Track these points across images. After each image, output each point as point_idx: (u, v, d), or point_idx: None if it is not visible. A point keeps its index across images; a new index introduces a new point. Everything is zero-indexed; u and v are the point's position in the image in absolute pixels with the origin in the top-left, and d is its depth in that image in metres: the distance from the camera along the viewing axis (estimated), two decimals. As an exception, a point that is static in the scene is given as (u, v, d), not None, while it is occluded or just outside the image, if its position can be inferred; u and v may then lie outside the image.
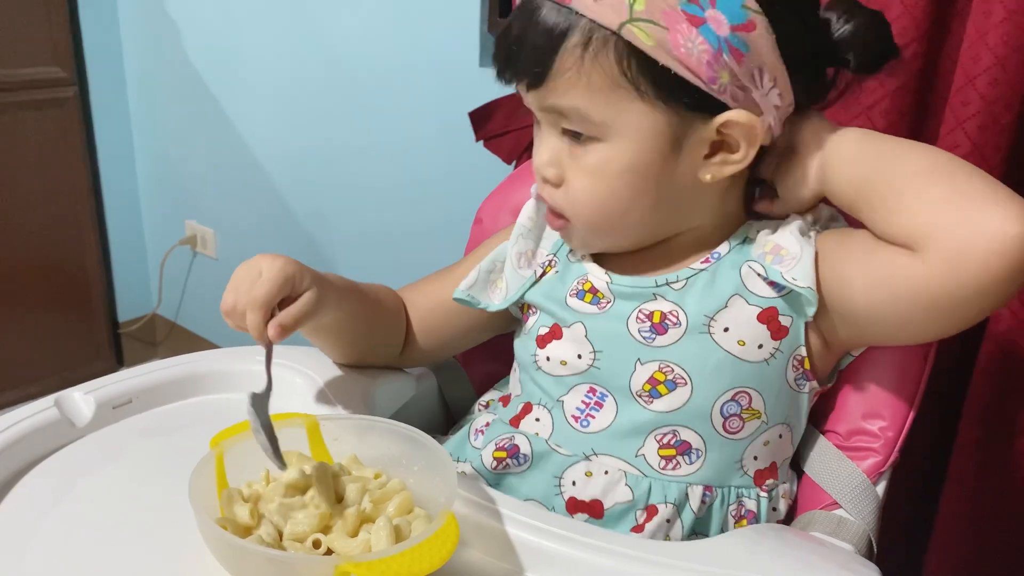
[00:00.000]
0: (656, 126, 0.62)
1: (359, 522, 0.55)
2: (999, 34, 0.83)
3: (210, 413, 0.73)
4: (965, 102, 0.86)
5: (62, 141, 1.96)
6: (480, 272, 0.77)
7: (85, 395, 0.70)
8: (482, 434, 0.73)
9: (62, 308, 2.08)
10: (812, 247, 0.65)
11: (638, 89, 0.60)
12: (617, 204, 0.65)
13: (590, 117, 0.62)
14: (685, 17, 0.58)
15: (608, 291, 0.70)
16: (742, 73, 0.60)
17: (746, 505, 0.67)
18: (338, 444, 0.62)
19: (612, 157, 0.63)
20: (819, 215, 0.69)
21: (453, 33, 1.43)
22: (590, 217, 0.66)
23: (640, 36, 0.58)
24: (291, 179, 1.82)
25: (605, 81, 0.60)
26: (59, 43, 1.90)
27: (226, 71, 1.85)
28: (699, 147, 0.63)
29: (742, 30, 0.59)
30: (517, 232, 0.77)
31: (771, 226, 0.69)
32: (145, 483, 0.64)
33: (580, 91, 0.61)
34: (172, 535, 0.57)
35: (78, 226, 2.05)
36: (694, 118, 0.62)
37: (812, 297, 0.63)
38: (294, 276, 0.66)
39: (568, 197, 0.66)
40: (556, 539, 0.57)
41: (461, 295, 0.76)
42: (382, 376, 0.78)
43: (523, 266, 0.75)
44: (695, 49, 0.58)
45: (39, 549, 0.57)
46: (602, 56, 0.60)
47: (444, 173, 1.52)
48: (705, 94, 0.60)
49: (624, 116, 0.61)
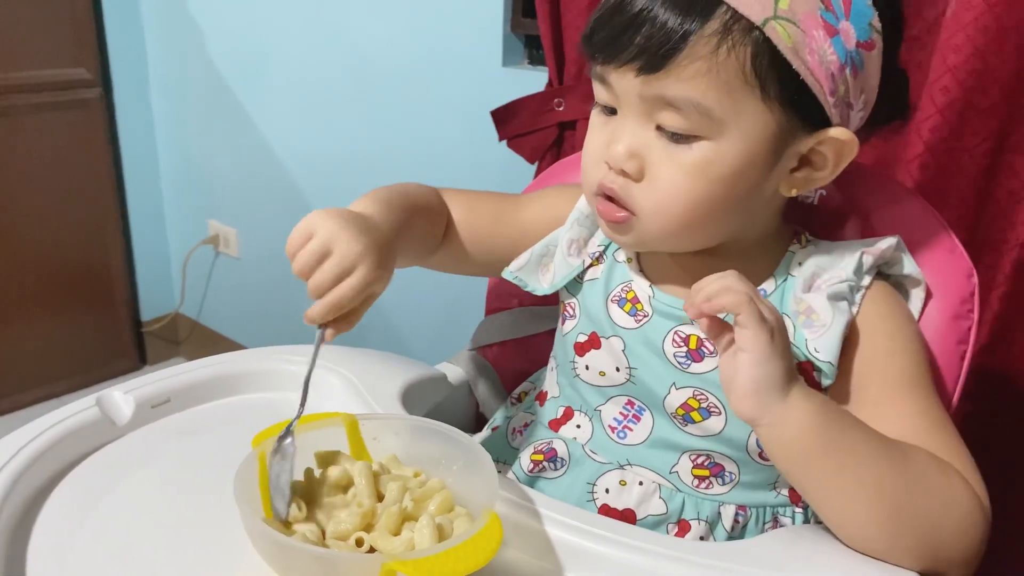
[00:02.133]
0: (767, 131, 0.59)
1: (401, 521, 0.56)
2: (976, 19, 0.81)
3: (245, 412, 0.74)
4: (945, 88, 0.85)
5: (86, 142, 1.98)
6: (532, 255, 0.75)
7: (125, 395, 0.71)
8: (520, 435, 0.73)
9: (86, 307, 2.10)
10: (846, 316, 0.63)
11: (763, 89, 0.57)
12: (709, 206, 0.61)
13: (710, 112, 0.57)
14: (822, 24, 0.57)
15: (649, 305, 0.69)
16: (853, 90, 0.59)
17: (782, 522, 0.67)
18: (377, 443, 0.63)
19: (718, 158, 0.59)
20: (882, 255, 0.66)
21: (476, 33, 1.43)
22: (674, 216, 0.62)
23: (781, 35, 0.56)
24: (313, 179, 1.83)
25: (734, 76, 0.57)
26: (83, 44, 1.91)
27: (249, 72, 1.86)
28: (791, 159, 0.61)
29: (864, 48, 0.59)
30: (573, 218, 0.75)
31: (818, 258, 0.67)
32: (185, 481, 0.65)
33: (706, 83, 0.57)
34: (213, 533, 0.58)
35: (102, 226, 2.07)
36: (798, 129, 0.60)
37: (831, 372, 0.62)
38: (377, 283, 0.61)
39: (650, 193, 0.61)
40: (595, 539, 0.57)
41: (510, 275, 0.75)
42: (417, 376, 0.79)
43: (573, 254, 0.74)
44: (826, 58, 0.57)
45: (84, 547, 0.57)
46: (739, 49, 0.56)
47: (467, 173, 1.52)
48: (817, 105, 0.59)
49: (742, 116, 0.58)
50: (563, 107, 1.23)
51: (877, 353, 0.63)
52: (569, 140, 1.26)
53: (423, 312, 1.68)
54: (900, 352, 0.64)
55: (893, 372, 0.62)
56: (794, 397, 0.54)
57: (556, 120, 1.26)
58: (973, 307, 0.70)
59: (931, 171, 0.88)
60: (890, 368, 0.63)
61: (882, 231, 0.72)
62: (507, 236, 0.77)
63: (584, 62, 1.21)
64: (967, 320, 0.70)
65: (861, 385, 0.63)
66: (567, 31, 1.19)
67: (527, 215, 0.78)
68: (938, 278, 0.70)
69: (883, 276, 0.68)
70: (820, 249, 0.68)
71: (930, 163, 0.87)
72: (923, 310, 0.69)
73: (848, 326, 0.63)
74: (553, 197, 0.79)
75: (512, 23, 1.42)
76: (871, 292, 0.65)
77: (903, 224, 0.72)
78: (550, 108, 1.27)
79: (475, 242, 0.77)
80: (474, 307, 0.99)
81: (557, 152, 1.27)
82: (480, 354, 0.91)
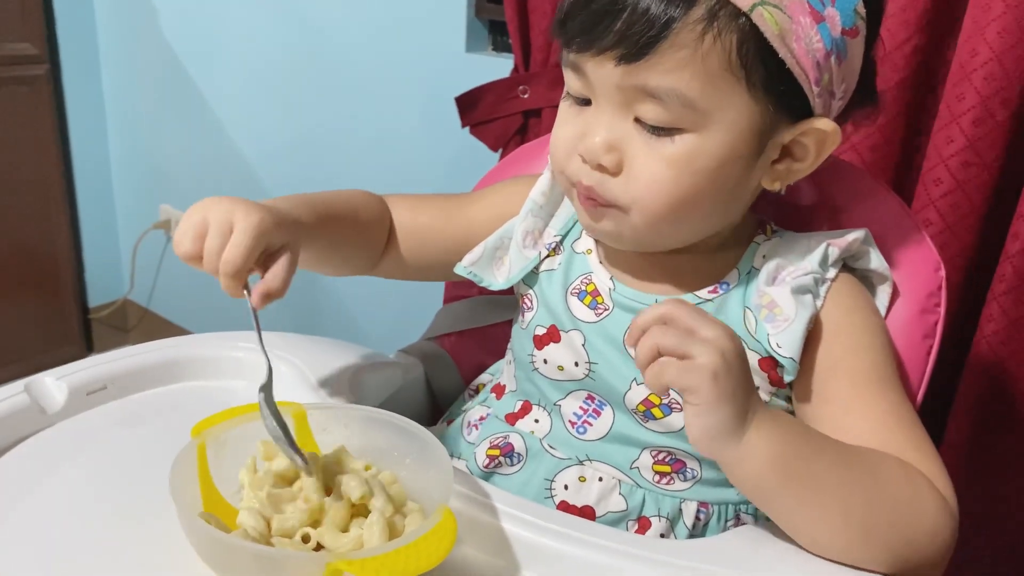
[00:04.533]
0: (752, 121, 0.57)
1: (350, 516, 0.53)
2: (997, 28, 0.82)
3: (189, 400, 0.70)
4: (960, 96, 0.85)
5: (32, 120, 1.91)
6: (486, 248, 0.73)
7: (57, 380, 0.67)
8: (476, 429, 0.71)
9: (31, 292, 2.03)
10: (810, 310, 0.61)
11: (749, 79, 0.55)
12: (695, 200, 0.58)
13: (694, 103, 0.55)
14: (809, 10, 0.55)
15: (609, 298, 0.67)
16: (836, 79, 0.58)
17: (744, 520, 0.66)
18: (326, 435, 0.60)
19: (702, 150, 0.57)
20: (848, 247, 0.65)
21: (439, 17, 1.41)
22: (659, 210, 0.58)
23: (768, 21, 0.53)
24: (269, 163, 1.78)
25: (719, 65, 0.54)
26: (30, 19, 1.84)
27: (203, 52, 1.81)
28: (773, 150, 0.60)
29: (849, 35, 0.57)
30: (527, 209, 0.72)
31: (783, 249, 0.65)
32: (121, 473, 0.61)
33: (690, 72, 0.54)
34: (150, 528, 0.54)
35: (48, 208, 2.00)
36: (781, 119, 0.58)
37: (793, 369, 0.61)
38: (269, 234, 0.58)
39: (632, 187, 0.58)
40: (554, 536, 0.55)
41: (463, 271, 0.72)
42: (369, 365, 0.76)
43: (528, 245, 0.72)
44: (812, 46, 0.55)
45: (8, 541, 0.54)
46: (725, 36, 0.53)
47: (428, 160, 1.50)
48: (801, 95, 0.57)
49: (726, 107, 0.56)
50: (528, 95, 1.21)
51: (843, 349, 0.62)
52: (534, 128, 1.24)
53: (379, 299, 1.65)
54: (867, 348, 0.62)
55: (859, 368, 0.61)
56: (751, 436, 0.52)
57: (521, 108, 1.24)
58: (940, 301, 0.69)
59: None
60: (856, 364, 0.62)
61: (849, 222, 0.71)
62: (456, 235, 0.74)
63: (551, 49, 1.20)
64: (934, 314, 0.69)
65: (825, 381, 0.62)
66: (533, 16, 1.17)
67: (476, 211, 0.75)
68: (905, 271, 0.69)
69: (849, 269, 0.67)
70: (785, 240, 0.67)
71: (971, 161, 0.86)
72: (889, 308, 0.68)
73: (812, 320, 0.61)
74: (504, 192, 0.76)
75: (476, 8, 1.40)
76: (836, 285, 0.64)
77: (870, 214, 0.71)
78: (515, 95, 1.24)
79: (423, 245, 0.75)
80: (432, 295, 0.97)
81: (521, 140, 1.25)
82: (437, 343, 0.88)
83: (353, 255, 0.73)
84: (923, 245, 0.70)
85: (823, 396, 0.62)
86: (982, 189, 0.87)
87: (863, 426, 0.58)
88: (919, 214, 0.89)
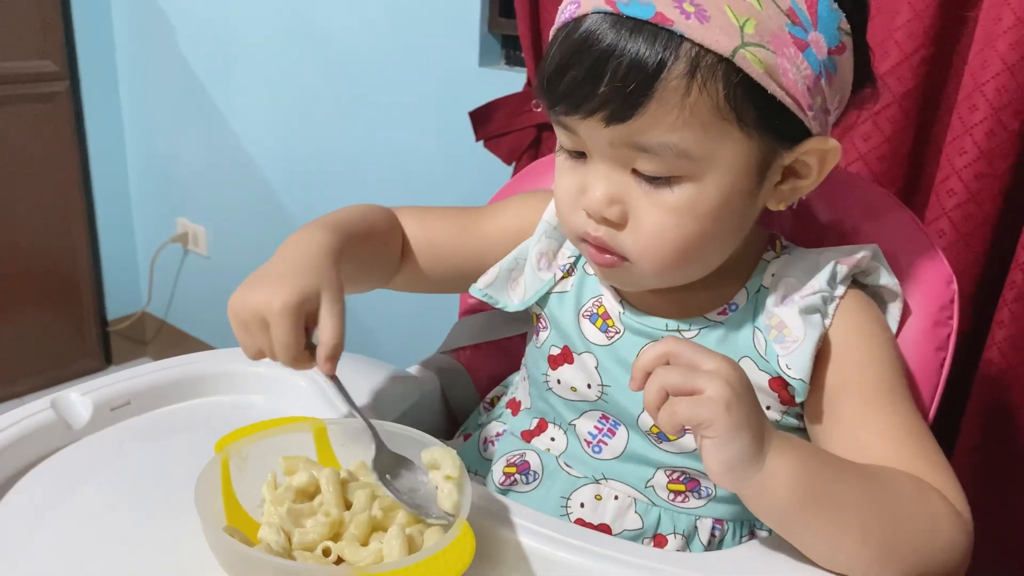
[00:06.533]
0: (749, 157, 0.56)
1: (370, 530, 0.54)
2: (1008, 40, 0.82)
3: (211, 416, 0.71)
4: (973, 107, 0.86)
5: (52, 136, 1.94)
6: (501, 270, 0.73)
7: (82, 396, 0.68)
8: (493, 445, 0.72)
9: (50, 305, 2.05)
10: (819, 330, 0.61)
11: (740, 120, 0.54)
12: (702, 242, 0.58)
13: (689, 153, 0.54)
14: (792, 40, 0.54)
15: (620, 321, 0.67)
16: (829, 98, 0.57)
17: (759, 535, 0.66)
18: (345, 450, 0.61)
19: (703, 195, 0.56)
20: (857, 264, 0.65)
21: (453, 32, 1.42)
22: (668, 257, 0.58)
23: (752, 61, 0.52)
24: (285, 177, 1.80)
25: (708, 113, 0.53)
26: (50, 36, 1.87)
27: (220, 67, 1.83)
28: (775, 175, 0.59)
29: (836, 53, 0.57)
30: (541, 230, 0.72)
31: (792, 267, 0.65)
32: (145, 487, 0.62)
33: (681, 125, 0.53)
34: (174, 540, 0.55)
35: (68, 222, 2.02)
36: (778, 145, 0.57)
37: (803, 390, 0.61)
38: (301, 304, 0.57)
39: (640, 238, 0.58)
40: (571, 550, 0.55)
41: (479, 293, 0.73)
42: (387, 379, 0.77)
43: (543, 267, 0.72)
44: (800, 75, 0.54)
45: (35, 556, 0.55)
46: (710, 85, 0.53)
47: (442, 173, 1.51)
48: (796, 121, 0.56)
49: (722, 149, 0.55)
50: (541, 108, 1.22)
51: (852, 366, 0.62)
52: (547, 141, 1.25)
53: (395, 313, 1.66)
54: (876, 363, 0.62)
55: (869, 384, 0.61)
56: (771, 462, 0.52)
57: (534, 121, 1.25)
58: (953, 314, 0.69)
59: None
60: (866, 380, 0.62)
61: (861, 237, 0.72)
62: (472, 251, 0.75)
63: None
64: (946, 327, 0.69)
65: (836, 399, 0.62)
66: (546, 31, 1.18)
67: (491, 227, 0.76)
68: (918, 284, 0.70)
69: (860, 285, 0.67)
70: (795, 257, 0.67)
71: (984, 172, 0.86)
72: (901, 323, 0.68)
73: (821, 340, 0.62)
74: (518, 207, 0.76)
75: (489, 23, 1.41)
76: (844, 302, 0.64)
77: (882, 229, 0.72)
78: (528, 109, 1.26)
79: (436, 260, 0.75)
80: (447, 309, 0.98)
81: (535, 153, 1.26)
82: (453, 357, 0.89)
83: (374, 272, 0.73)
84: (935, 258, 0.70)
85: (835, 415, 0.62)
86: (994, 199, 0.87)
87: (875, 441, 0.58)
88: (932, 225, 0.89)
